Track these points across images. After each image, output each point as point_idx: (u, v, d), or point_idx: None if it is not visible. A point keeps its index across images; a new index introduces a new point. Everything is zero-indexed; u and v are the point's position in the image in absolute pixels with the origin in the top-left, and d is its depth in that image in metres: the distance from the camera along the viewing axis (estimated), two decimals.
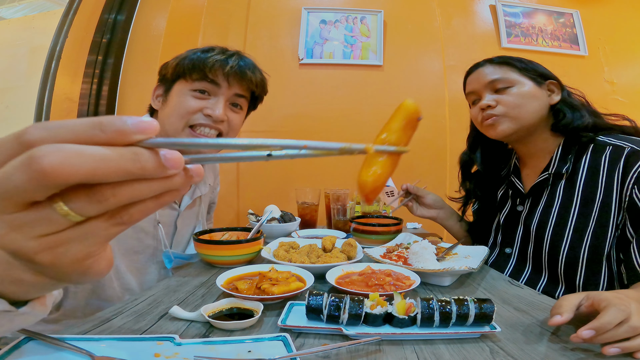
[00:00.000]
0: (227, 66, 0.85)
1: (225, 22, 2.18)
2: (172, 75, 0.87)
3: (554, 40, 2.19)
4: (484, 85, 0.98)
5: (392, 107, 0.37)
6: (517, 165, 1.07)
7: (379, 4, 2.18)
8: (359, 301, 0.55)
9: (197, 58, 0.85)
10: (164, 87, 0.90)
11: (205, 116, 0.86)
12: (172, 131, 0.87)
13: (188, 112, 0.85)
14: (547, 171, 0.94)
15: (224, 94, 0.88)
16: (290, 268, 0.76)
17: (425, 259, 0.82)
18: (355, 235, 1.14)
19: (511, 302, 0.68)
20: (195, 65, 0.84)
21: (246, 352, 0.48)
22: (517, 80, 0.94)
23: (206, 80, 0.85)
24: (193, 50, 0.89)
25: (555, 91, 0.96)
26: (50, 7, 2.92)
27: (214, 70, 0.85)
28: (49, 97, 1.64)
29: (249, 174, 2.08)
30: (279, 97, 2.11)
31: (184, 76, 0.86)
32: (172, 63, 0.88)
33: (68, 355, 0.45)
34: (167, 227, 0.95)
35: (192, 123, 0.87)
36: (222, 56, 0.86)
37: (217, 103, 0.86)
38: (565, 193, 0.90)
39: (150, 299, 0.68)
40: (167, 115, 0.87)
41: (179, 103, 0.86)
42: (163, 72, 0.90)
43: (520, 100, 0.93)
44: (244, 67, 0.88)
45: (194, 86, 0.86)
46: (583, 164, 0.89)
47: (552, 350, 0.49)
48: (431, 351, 0.49)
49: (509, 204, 1.06)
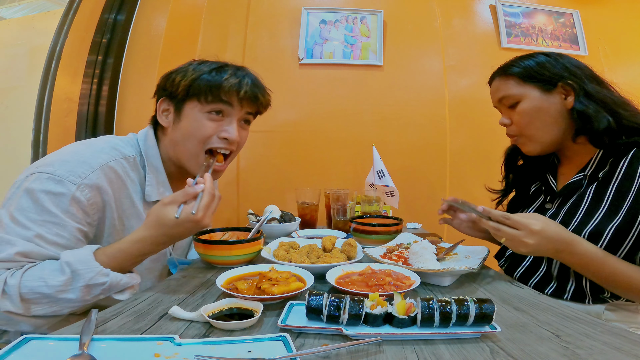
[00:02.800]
0: (241, 90, 0.87)
1: (225, 22, 2.18)
2: (183, 94, 0.86)
3: (554, 40, 2.19)
4: (496, 102, 0.98)
5: (392, 107, 0.37)
6: (555, 163, 1.02)
7: (379, 4, 2.18)
8: (359, 301, 0.54)
9: (212, 80, 0.85)
10: (172, 105, 0.89)
11: (221, 139, 0.89)
12: (187, 154, 0.89)
13: (205, 136, 0.87)
14: (583, 172, 0.89)
15: (236, 115, 0.90)
16: (290, 268, 0.76)
17: (425, 259, 0.82)
18: (355, 235, 1.14)
19: (511, 302, 0.68)
20: (212, 88, 0.85)
21: (246, 352, 0.48)
22: (521, 95, 0.90)
23: (222, 102, 0.87)
24: (200, 66, 0.88)
25: (569, 93, 0.88)
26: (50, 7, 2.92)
27: (230, 94, 0.86)
28: (49, 97, 1.64)
29: (249, 174, 2.08)
30: (279, 97, 2.09)
31: (197, 97, 0.86)
32: (181, 80, 0.86)
33: (68, 355, 0.45)
34: None
35: (209, 147, 0.89)
36: (236, 79, 0.87)
37: (231, 124, 0.89)
38: (595, 196, 0.85)
39: (150, 299, 0.68)
40: (182, 138, 0.88)
41: (196, 128, 0.87)
42: (169, 88, 0.88)
43: (528, 117, 0.90)
44: (256, 90, 0.91)
45: (208, 108, 0.87)
46: (620, 167, 0.83)
47: (552, 350, 0.49)
48: (431, 351, 0.49)
49: (540, 200, 1.02)
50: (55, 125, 1.63)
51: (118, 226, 0.83)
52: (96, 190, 0.78)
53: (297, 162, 2.09)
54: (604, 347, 0.50)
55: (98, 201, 0.79)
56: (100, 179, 0.78)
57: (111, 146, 0.85)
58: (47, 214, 0.72)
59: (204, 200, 0.71)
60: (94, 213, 0.79)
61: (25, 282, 0.67)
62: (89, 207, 0.77)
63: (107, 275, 0.70)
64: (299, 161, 2.10)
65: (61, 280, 0.67)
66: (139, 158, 0.89)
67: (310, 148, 2.09)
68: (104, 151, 0.83)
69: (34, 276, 0.68)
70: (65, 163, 0.76)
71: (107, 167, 0.80)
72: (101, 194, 0.79)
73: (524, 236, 0.76)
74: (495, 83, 0.97)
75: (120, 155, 0.85)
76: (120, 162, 0.84)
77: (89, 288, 0.69)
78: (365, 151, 1.63)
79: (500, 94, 0.94)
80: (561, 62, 0.90)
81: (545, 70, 0.89)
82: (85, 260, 0.69)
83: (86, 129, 1.69)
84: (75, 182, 0.75)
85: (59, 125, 1.65)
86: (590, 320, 0.60)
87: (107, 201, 0.80)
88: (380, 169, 1.49)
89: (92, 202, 0.77)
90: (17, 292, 0.66)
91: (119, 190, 0.83)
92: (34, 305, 0.68)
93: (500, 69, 0.96)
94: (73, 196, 0.74)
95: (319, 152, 2.09)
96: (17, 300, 0.66)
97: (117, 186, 0.82)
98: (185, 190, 0.72)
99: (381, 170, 1.49)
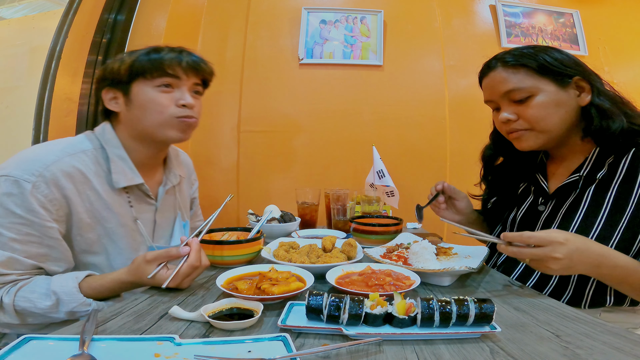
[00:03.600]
0: (183, 61, 0.89)
1: (225, 22, 2.18)
2: (126, 76, 0.88)
3: (554, 40, 2.19)
4: (499, 95, 0.87)
5: (392, 107, 0.37)
6: (544, 160, 0.98)
7: (379, 4, 2.18)
8: (359, 301, 0.54)
9: (151, 57, 0.87)
10: (119, 90, 0.90)
11: (180, 107, 0.90)
12: (154, 126, 0.89)
13: (164, 106, 0.88)
14: (578, 173, 0.85)
15: (185, 85, 0.91)
16: (290, 268, 0.76)
17: (425, 259, 0.82)
18: (355, 235, 1.14)
19: (511, 302, 0.68)
20: (154, 64, 0.87)
21: (246, 352, 0.48)
22: (536, 88, 0.83)
23: (167, 75, 0.88)
24: (134, 52, 0.90)
25: (585, 89, 0.83)
26: (50, 7, 2.92)
27: (173, 66, 0.88)
28: (49, 97, 1.64)
29: (249, 174, 2.08)
30: (279, 97, 2.11)
31: (143, 75, 0.87)
32: (120, 65, 0.88)
33: (68, 355, 0.45)
34: (148, 223, 0.96)
35: (177, 115, 0.89)
36: (174, 53, 0.89)
37: (183, 93, 0.91)
38: (594, 198, 0.82)
39: (150, 299, 0.68)
40: (141, 113, 0.88)
41: (150, 101, 0.88)
42: (110, 76, 0.90)
43: (543, 112, 0.82)
44: (197, 60, 0.93)
45: (156, 82, 0.88)
46: (620, 170, 0.80)
47: (552, 350, 0.49)
48: (431, 351, 0.49)
49: (529, 200, 0.98)
50: (55, 125, 1.63)
51: (87, 219, 0.83)
52: (54, 186, 0.78)
53: (297, 162, 2.10)
54: (604, 347, 0.50)
55: (58, 197, 0.79)
56: (56, 175, 0.79)
57: (67, 143, 0.86)
58: (13, 216, 0.74)
59: (182, 269, 0.71)
60: (58, 209, 0.79)
61: (18, 302, 0.74)
62: (49, 204, 0.77)
63: (89, 305, 0.75)
64: (299, 161, 2.10)
65: (47, 305, 0.74)
66: (100, 150, 0.89)
67: (310, 148, 2.09)
68: (58, 147, 0.84)
69: (25, 298, 0.74)
70: (20, 163, 0.77)
71: (63, 163, 0.81)
72: (60, 189, 0.79)
73: (552, 251, 0.68)
74: (497, 74, 0.88)
75: (77, 150, 0.85)
76: (78, 157, 0.84)
77: (73, 314, 0.76)
78: (365, 151, 1.63)
79: (509, 85, 0.85)
80: (571, 57, 0.85)
81: (560, 63, 0.83)
82: (70, 292, 0.75)
83: (86, 129, 1.68)
84: (30, 181, 0.75)
85: (59, 125, 1.65)
86: (590, 320, 0.60)
87: (69, 196, 0.80)
88: (380, 169, 1.49)
89: (51, 199, 0.77)
90: (12, 309, 0.74)
91: (81, 184, 0.83)
92: (29, 318, 0.76)
93: (501, 60, 0.87)
94: (30, 195, 0.75)
95: (319, 152, 2.09)
96: (13, 315, 0.74)
97: (79, 180, 0.82)
98: (169, 252, 0.73)
99: (381, 170, 1.49)
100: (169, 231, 1.03)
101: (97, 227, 0.85)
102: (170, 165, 1.05)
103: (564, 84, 0.83)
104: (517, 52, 0.86)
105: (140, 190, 0.94)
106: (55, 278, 0.77)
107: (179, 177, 1.07)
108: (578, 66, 0.85)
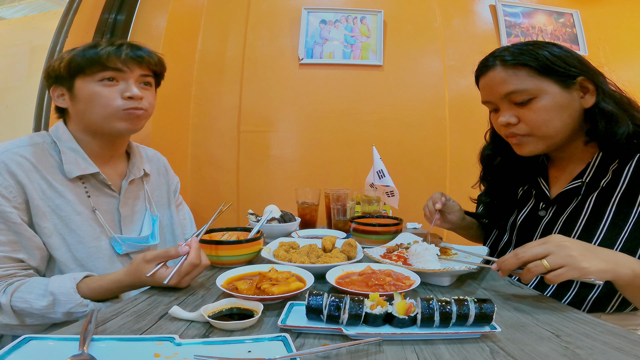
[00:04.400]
0: (122, 53, 0.88)
1: (225, 22, 2.18)
2: (67, 73, 0.88)
3: (554, 40, 2.19)
4: (499, 97, 0.82)
5: (392, 107, 0.37)
6: (545, 163, 0.95)
7: (379, 4, 2.18)
8: (359, 301, 0.54)
9: (87, 54, 0.87)
10: (64, 88, 0.91)
11: (126, 99, 0.89)
12: (100, 119, 0.88)
13: (108, 99, 0.88)
14: (581, 179, 0.82)
15: (130, 77, 0.91)
16: (290, 268, 0.75)
17: (426, 259, 0.82)
18: (355, 235, 1.14)
19: (511, 302, 0.68)
20: (91, 60, 0.86)
21: (246, 352, 0.48)
22: (538, 89, 0.77)
23: (108, 69, 0.88)
24: (73, 50, 0.90)
25: (589, 90, 0.79)
26: (50, 7, 2.92)
27: (111, 60, 0.87)
28: (49, 97, 1.64)
29: (249, 174, 2.08)
30: (279, 97, 2.11)
31: (82, 72, 0.87)
32: (60, 63, 0.88)
33: (68, 355, 0.45)
34: (110, 214, 0.95)
35: (124, 107, 0.89)
36: (112, 47, 0.89)
37: (128, 85, 0.90)
38: (597, 206, 0.79)
39: (150, 299, 0.68)
40: (86, 108, 0.89)
41: (93, 94, 0.88)
42: (53, 73, 0.90)
43: (545, 115, 0.78)
44: (138, 51, 0.92)
45: (97, 77, 0.88)
46: (625, 175, 0.76)
47: (552, 350, 0.49)
48: (431, 351, 0.49)
49: (530, 204, 0.95)
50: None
51: (42, 207, 0.84)
52: (6, 173, 0.79)
53: (297, 162, 2.10)
54: (604, 347, 0.50)
55: (12, 183, 0.80)
56: (5, 163, 0.80)
57: (18, 139, 0.88)
58: None
59: (183, 268, 0.72)
60: (15, 196, 0.79)
61: (15, 302, 0.74)
62: (5, 191, 0.78)
63: (86, 306, 0.76)
64: (299, 161, 2.10)
65: (44, 305, 0.74)
66: (52, 144, 0.90)
67: (310, 148, 2.09)
68: (8, 142, 0.86)
69: (22, 299, 0.75)
70: None
71: (12, 153, 0.82)
72: (12, 175, 0.80)
73: (548, 241, 0.64)
74: (496, 74, 0.82)
75: (25, 144, 0.87)
76: (26, 149, 0.85)
77: (70, 314, 0.76)
78: (365, 151, 1.63)
79: (509, 87, 0.79)
80: (574, 53, 0.81)
81: (562, 62, 0.78)
82: (67, 293, 0.75)
83: None
84: None
85: None
86: (590, 320, 0.59)
87: (22, 182, 0.81)
88: (380, 169, 1.49)
89: (5, 186, 0.78)
90: (9, 309, 0.74)
91: (31, 172, 0.83)
92: (27, 319, 0.76)
93: (500, 59, 0.82)
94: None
95: (319, 152, 2.09)
96: (12, 315, 0.75)
97: (28, 168, 0.83)
98: (168, 251, 0.73)
99: (381, 170, 1.49)
100: (138, 224, 1.02)
101: (52, 216, 0.85)
102: (134, 160, 1.05)
103: (568, 85, 0.78)
104: (517, 49, 0.81)
105: (97, 180, 0.93)
106: (53, 279, 0.77)
107: (143, 170, 1.06)
108: (582, 65, 0.80)
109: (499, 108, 0.86)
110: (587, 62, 0.82)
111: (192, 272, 0.73)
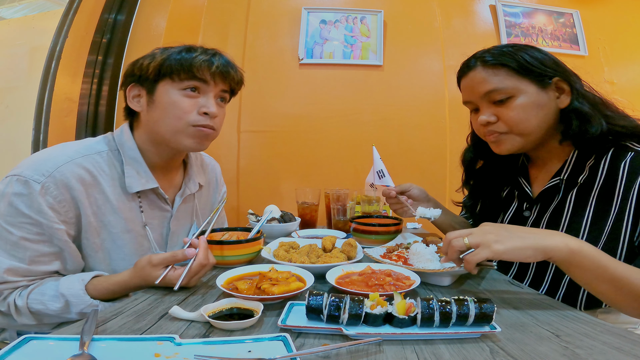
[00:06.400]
0: (213, 65, 0.87)
1: (225, 22, 2.18)
2: (154, 75, 0.86)
3: (554, 40, 2.19)
4: (479, 96, 0.86)
5: (392, 107, 0.37)
6: (526, 164, 0.98)
7: (379, 4, 2.18)
8: (359, 301, 0.55)
9: (182, 58, 0.85)
10: (143, 88, 0.88)
11: (201, 115, 0.87)
12: (170, 132, 0.86)
13: (185, 112, 0.86)
14: (559, 176, 0.85)
15: (212, 91, 0.89)
16: (290, 268, 0.76)
17: (426, 259, 0.82)
18: (355, 235, 1.14)
19: (511, 302, 0.68)
20: (183, 65, 0.85)
21: (246, 352, 0.48)
22: (516, 88, 0.81)
23: (195, 79, 0.86)
24: (167, 50, 0.88)
25: (564, 91, 0.83)
26: (50, 7, 2.91)
27: (202, 70, 0.86)
28: (49, 97, 1.64)
29: (249, 174, 2.08)
30: (279, 97, 2.11)
31: (170, 76, 0.85)
32: (150, 63, 0.86)
33: (68, 355, 0.45)
34: (159, 229, 0.94)
35: (195, 124, 0.87)
36: (206, 56, 0.87)
37: (208, 100, 0.88)
38: (578, 201, 0.81)
39: (150, 299, 0.68)
40: (160, 116, 0.86)
41: (173, 104, 0.85)
42: (138, 72, 0.88)
43: (523, 114, 0.81)
44: (228, 66, 0.90)
45: (182, 85, 0.86)
46: (601, 171, 0.78)
47: (552, 350, 0.49)
48: (431, 351, 0.49)
49: (514, 205, 0.98)
50: (55, 125, 1.63)
51: (94, 223, 0.83)
52: (63, 187, 0.77)
53: (297, 162, 2.09)
54: (604, 347, 0.50)
55: (67, 198, 0.78)
56: (66, 176, 0.78)
57: (83, 145, 0.86)
58: (22, 216, 0.74)
59: (192, 269, 0.72)
60: (67, 211, 0.78)
61: (31, 304, 0.75)
62: (57, 205, 0.77)
63: (96, 306, 0.76)
64: (299, 161, 2.10)
65: (58, 307, 0.75)
66: (115, 152, 0.88)
67: (310, 148, 2.09)
68: (73, 149, 0.83)
69: (37, 300, 0.75)
70: (32, 163, 0.77)
71: (74, 164, 0.80)
72: (69, 190, 0.78)
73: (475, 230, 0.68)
74: (476, 74, 0.86)
75: (91, 151, 0.84)
76: (91, 158, 0.83)
77: (84, 315, 0.76)
78: (365, 151, 1.62)
79: (489, 86, 0.83)
80: (550, 56, 0.84)
81: (540, 63, 0.82)
82: (77, 295, 0.75)
83: (86, 129, 1.69)
84: (39, 181, 0.75)
85: (59, 125, 1.65)
86: (590, 320, 0.60)
87: (78, 197, 0.79)
88: (380, 169, 1.49)
89: (59, 200, 0.77)
90: (27, 311, 0.75)
91: (90, 187, 0.82)
92: (45, 319, 0.78)
93: (481, 60, 0.85)
94: (39, 195, 0.74)
95: (319, 152, 2.09)
96: (29, 316, 0.76)
97: (88, 182, 0.81)
98: (175, 255, 0.72)
99: (381, 170, 1.49)
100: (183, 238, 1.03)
101: (102, 231, 0.84)
102: (191, 172, 1.02)
103: (544, 85, 0.82)
104: (497, 50, 0.85)
105: (155, 194, 0.92)
106: (62, 280, 0.77)
107: (198, 184, 1.04)
108: (558, 66, 0.83)
109: (479, 108, 0.89)
110: (563, 65, 0.85)
111: (200, 272, 0.74)
